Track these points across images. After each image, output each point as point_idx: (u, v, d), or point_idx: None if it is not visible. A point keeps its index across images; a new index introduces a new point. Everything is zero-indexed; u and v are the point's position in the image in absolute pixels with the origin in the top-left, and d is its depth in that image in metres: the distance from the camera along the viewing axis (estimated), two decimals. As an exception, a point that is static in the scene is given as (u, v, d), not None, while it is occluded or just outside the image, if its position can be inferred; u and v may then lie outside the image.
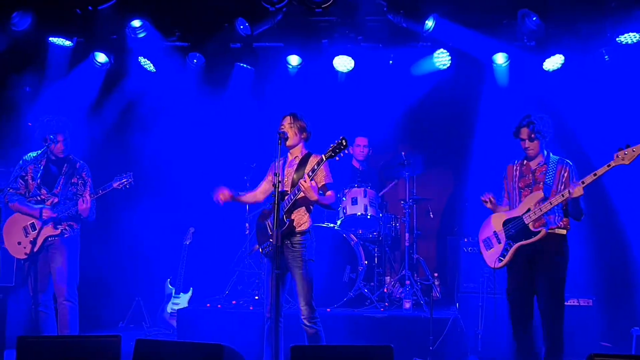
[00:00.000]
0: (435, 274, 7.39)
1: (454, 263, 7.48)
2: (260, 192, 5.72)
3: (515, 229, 5.43)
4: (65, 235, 5.88)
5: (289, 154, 5.51)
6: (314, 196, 5.09)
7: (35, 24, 7.31)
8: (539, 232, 5.31)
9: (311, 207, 5.37)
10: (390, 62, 8.09)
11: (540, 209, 5.29)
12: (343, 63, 8.05)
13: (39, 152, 5.91)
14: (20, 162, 5.95)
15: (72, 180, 5.96)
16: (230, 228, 8.31)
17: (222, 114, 8.43)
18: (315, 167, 5.12)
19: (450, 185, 8.55)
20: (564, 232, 5.39)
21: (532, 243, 5.35)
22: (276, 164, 5.03)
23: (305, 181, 5.05)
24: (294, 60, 8.08)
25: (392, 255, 7.93)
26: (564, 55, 7.51)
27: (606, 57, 7.34)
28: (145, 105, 8.29)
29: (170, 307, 7.78)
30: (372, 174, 8.01)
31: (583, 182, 5.09)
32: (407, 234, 7.47)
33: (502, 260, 5.48)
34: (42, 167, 5.92)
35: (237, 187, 8.12)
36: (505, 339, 6.18)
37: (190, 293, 7.88)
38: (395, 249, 8.03)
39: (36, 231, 5.80)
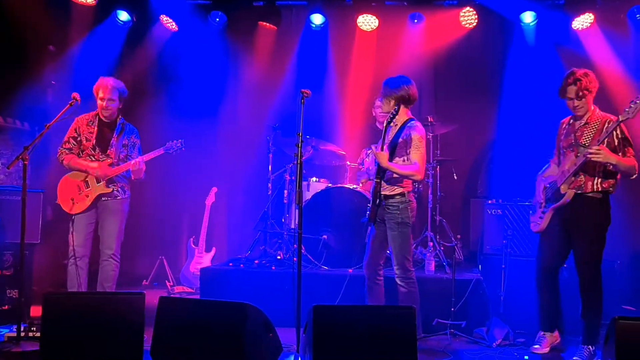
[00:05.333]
0: (458, 236, 7.34)
1: (477, 225, 7.44)
2: None
3: (551, 192, 5.36)
4: (118, 197, 6.02)
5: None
6: (383, 163, 5.24)
7: (58, -19, 7.31)
8: (566, 193, 5.18)
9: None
10: (415, 20, 7.97)
11: (568, 170, 5.14)
12: (367, 22, 7.94)
13: (91, 114, 6.04)
14: (73, 123, 6.04)
15: (124, 143, 6.08)
16: (253, 188, 8.32)
17: (244, 73, 8.38)
18: (385, 135, 5.36)
19: (476, 146, 8.44)
20: (599, 196, 5.13)
21: (567, 207, 5.20)
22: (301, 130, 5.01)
23: (375, 147, 5.31)
24: (317, 19, 7.99)
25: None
26: (593, 13, 7.34)
27: (638, 15, 7.17)
28: (167, 64, 8.26)
29: (193, 266, 7.84)
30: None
31: (598, 141, 4.93)
32: (430, 196, 7.42)
33: (538, 225, 5.45)
34: (96, 128, 6.02)
35: (259, 148, 8.16)
36: (528, 301, 6.16)
37: (212, 253, 7.94)
38: (418, 211, 7.97)
39: (89, 189, 5.93)
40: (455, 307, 5.98)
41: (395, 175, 5.33)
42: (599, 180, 5.11)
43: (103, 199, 5.97)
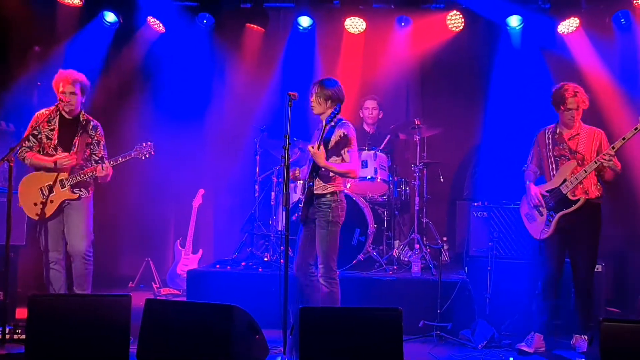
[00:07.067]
0: (444, 238, 7.37)
1: (463, 227, 7.46)
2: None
3: (554, 200, 5.51)
4: (81, 197, 5.78)
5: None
6: (320, 162, 5.19)
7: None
8: (579, 200, 5.40)
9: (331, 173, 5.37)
10: (403, 24, 8.00)
11: (576, 177, 5.39)
12: (354, 25, 7.96)
13: (52, 109, 5.73)
14: (32, 119, 5.78)
15: (87, 141, 5.81)
16: (240, 190, 8.31)
17: (231, 74, 8.37)
18: (323, 134, 5.22)
19: (462, 149, 8.47)
20: (601, 202, 5.51)
21: (572, 212, 5.44)
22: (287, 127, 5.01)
23: (312, 147, 5.18)
24: (304, 21, 8.00)
25: (401, 219, 7.91)
26: (579, 17, 7.40)
27: (622, 20, 7.24)
28: (154, 65, 8.23)
29: (179, 268, 7.82)
30: (383, 137, 7.93)
31: (613, 147, 5.22)
32: (417, 198, 7.44)
33: (547, 232, 5.57)
34: (56, 126, 5.76)
35: (246, 150, 8.15)
36: (514, 303, 6.21)
37: (199, 254, 7.92)
38: (404, 213, 8.01)
39: (54, 194, 5.69)
40: (441, 309, 6.00)
41: (329, 174, 5.34)
42: (595, 187, 5.47)
43: (66, 202, 5.74)
